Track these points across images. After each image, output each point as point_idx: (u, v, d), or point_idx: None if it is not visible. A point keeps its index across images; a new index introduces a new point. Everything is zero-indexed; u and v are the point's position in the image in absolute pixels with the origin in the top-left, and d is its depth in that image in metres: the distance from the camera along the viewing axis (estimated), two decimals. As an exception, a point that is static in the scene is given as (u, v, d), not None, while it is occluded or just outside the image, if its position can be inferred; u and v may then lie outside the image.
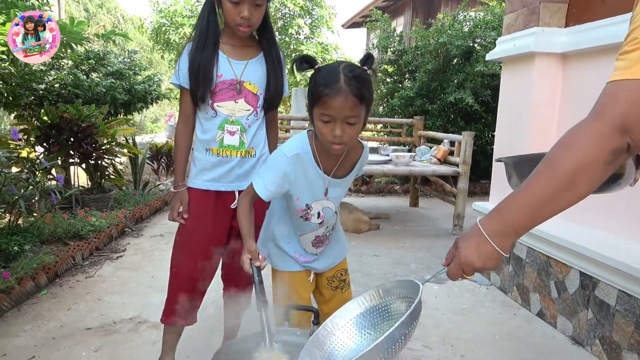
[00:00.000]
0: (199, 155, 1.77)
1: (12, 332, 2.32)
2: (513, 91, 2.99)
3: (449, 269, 0.99)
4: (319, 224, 1.51)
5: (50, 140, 4.08)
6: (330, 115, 1.24)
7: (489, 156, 6.55)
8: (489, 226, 0.92)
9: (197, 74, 1.67)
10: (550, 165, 0.86)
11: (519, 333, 2.44)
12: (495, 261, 0.93)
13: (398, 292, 1.16)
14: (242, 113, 1.73)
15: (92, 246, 3.49)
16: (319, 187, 1.45)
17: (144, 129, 15.03)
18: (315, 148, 1.40)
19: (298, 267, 1.59)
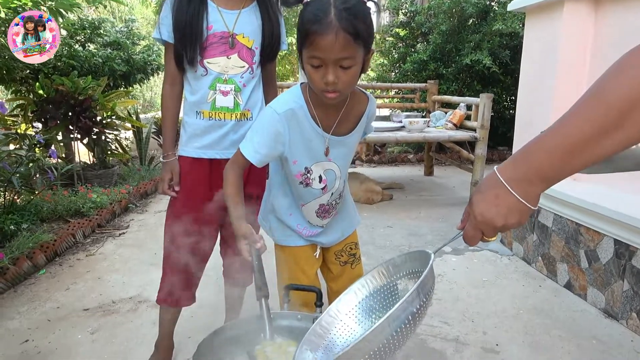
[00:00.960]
0: (189, 119, 1.58)
1: (6, 315, 2.20)
2: (538, 46, 2.72)
3: (466, 231, 0.78)
4: (322, 189, 1.30)
5: (48, 115, 3.92)
6: (320, 58, 1.03)
7: (507, 121, 6.26)
8: (509, 172, 0.71)
9: (183, 28, 1.46)
10: (595, 96, 0.63)
11: (545, 306, 2.25)
12: (519, 215, 0.71)
13: (409, 266, 0.98)
14: (235, 70, 1.53)
15: (93, 223, 3.37)
16: (318, 147, 1.23)
17: (154, 105, 14.88)
18: (311, 102, 1.19)
19: (302, 242, 1.41)
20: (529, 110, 2.82)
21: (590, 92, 0.64)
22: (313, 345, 0.98)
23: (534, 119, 2.75)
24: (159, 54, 5.10)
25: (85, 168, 4.22)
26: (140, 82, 4.96)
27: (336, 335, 1.01)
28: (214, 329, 1.09)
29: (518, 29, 5.26)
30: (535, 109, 2.74)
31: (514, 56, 5.74)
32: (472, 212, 0.75)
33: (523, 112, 2.89)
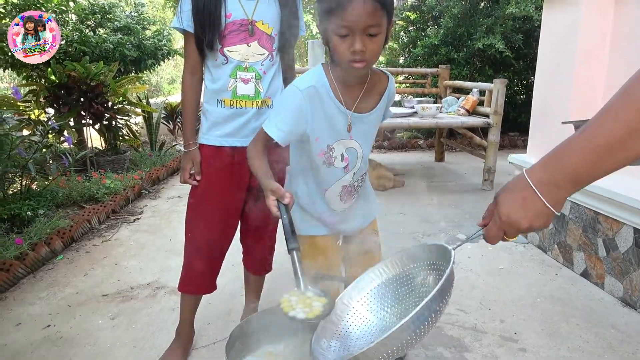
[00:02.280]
0: (210, 107, 1.57)
1: (27, 300, 2.23)
2: (556, 33, 2.68)
3: (488, 230, 0.79)
4: (344, 168, 1.29)
5: (60, 101, 3.92)
6: (348, 27, 1.03)
7: (519, 106, 6.21)
8: (538, 176, 0.71)
9: (202, 15, 1.46)
10: (625, 97, 0.62)
11: (562, 295, 2.25)
12: (544, 220, 0.72)
13: (425, 257, 0.98)
14: (256, 58, 1.53)
15: (108, 209, 3.39)
16: (340, 124, 1.23)
17: (161, 90, 14.85)
18: (333, 79, 1.19)
19: (325, 231, 1.40)
20: (546, 97, 2.79)
21: (620, 93, 0.64)
22: (328, 333, 0.98)
23: (551, 106, 2.72)
24: (170, 39, 5.07)
25: (98, 154, 4.23)
26: (151, 68, 4.94)
27: (349, 322, 1.02)
28: (246, 319, 1.10)
29: (532, 12, 5.17)
30: (553, 96, 2.71)
31: (527, 40, 5.66)
32: (497, 212, 0.76)
33: (540, 99, 2.85)
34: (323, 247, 1.40)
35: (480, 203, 3.67)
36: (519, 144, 6.21)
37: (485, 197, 3.86)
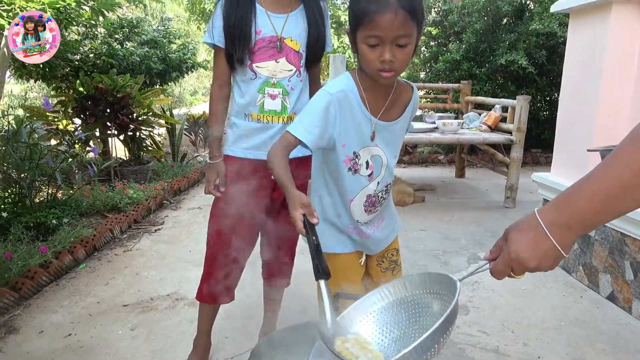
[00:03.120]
0: (238, 121, 1.60)
1: (50, 308, 2.27)
2: (582, 49, 2.64)
3: (495, 265, 0.79)
4: (369, 176, 1.28)
5: (87, 112, 4.02)
6: (378, 37, 1.04)
7: (542, 123, 6.12)
8: (549, 216, 0.72)
9: (232, 32, 1.49)
10: (634, 142, 0.64)
11: (587, 318, 2.19)
12: (552, 261, 0.73)
13: (428, 286, 0.96)
14: (283, 74, 1.56)
15: (130, 219, 3.44)
16: (365, 131, 1.22)
17: (183, 101, 15.10)
18: (360, 86, 1.19)
19: (349, 248, 1.39)
20: (570, 117, 2.75)
21: (629, 138, 0.66)
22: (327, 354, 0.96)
23: (575, 125, 2.68)
24: (194, 53, 5.17)
25: (122, 164, 4.31)
26: (175, 80, 5.03)
27: None
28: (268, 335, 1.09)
29: (556, 29, 5.12)
30: (578, 115, 2.66)
31: (551, 56, 5.60)
32: (507, 249, 0.76)
33: (564, 118, 2.81)
34: (346, 266, 1.38)
35: (502, 221, 3.62)
36: (541, 161, 6.12)
37: (507, 215, 3.80)
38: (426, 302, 0.96)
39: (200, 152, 6.37)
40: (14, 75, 4.31)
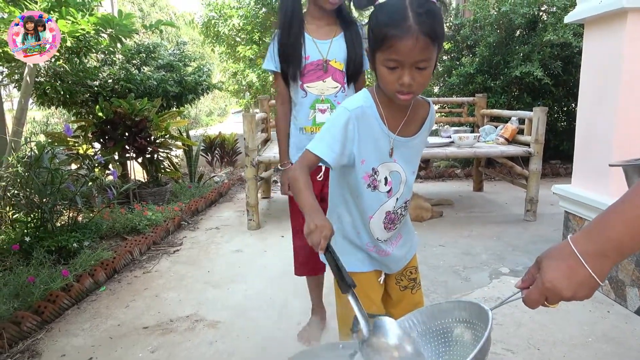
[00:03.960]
0: (296, 133, 1.93)
1: (71, 331, 2.29)
2: (599, 58, 2.61)
3: (528, 294, 0.78)
4: (387, 192, 1.28)
5: (106, 136, 4.10)
6: (398, 61, 1.04)
7: (560, 134, 6.04)
8: (584, 245, 0.71)
9: (286, 57, 1.82)
10: None
11: (616, 334, 2.12)
12: (588, 290, 0.72)
13: (457, 315, 0.94)
14: (330, 91, 1.85)
15: (149, 241, 3.47)
16: (384, 147, 1.23)
17: (199, 122, 15.33)
18: (379, 103, 1.21)
19: (368, 267, 1.37)
20: (589, 129, 2.70)
21: None
22: None
23: (595, 134, 2.63)
24: (209, 75, 5.25)
25: (140, 186, 4.37)
26: (192, 102, 5.12)
27: None
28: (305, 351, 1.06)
29: (571, 39, 5.08)
30: (596, 127, 2.62)
31: (566, 67, 5.55)
32: (541, 278, 0.75)
33: (583, 130, 2.77)
34: (365, 285, 1.36)
35: (523, 234, 3.55)
36: (561, 173, 6.02)
37: (528, 228, 3.73)
38: (456, 331, 0.94)
39: (217, 172, 6.43)
40: (36, 103, 4.43)
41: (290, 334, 2.18)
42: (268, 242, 3.56)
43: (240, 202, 4.95)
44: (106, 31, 3.35)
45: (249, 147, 3.73)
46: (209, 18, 11.19)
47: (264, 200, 4.98)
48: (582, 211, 2.70)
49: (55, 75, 4.12)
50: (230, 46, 11.48)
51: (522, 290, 0.81)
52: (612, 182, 2.48)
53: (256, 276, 2.91)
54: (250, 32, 10.93)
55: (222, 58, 12.59)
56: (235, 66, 11.60)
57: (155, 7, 21.24)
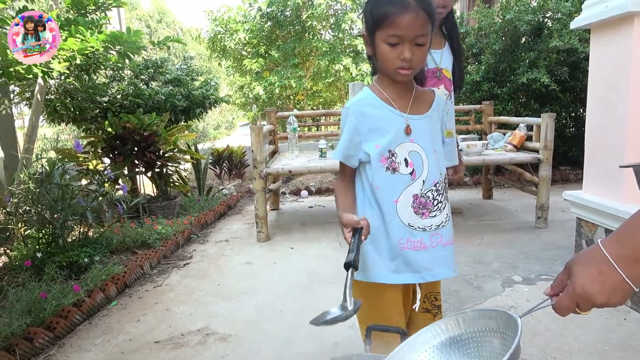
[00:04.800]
0: None
1: (83, 347, 2.29)
2: (606, 63, 2.60)
3: (559, 301, 0.76)
4: (410, 174, 1.24)
5: (115, 151, 4.14)
6: (399, 36, 1.13)
7: (568, 140, 6.00)
8: (615, 249, 0.69)
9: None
10: None
11: (633, 342, 2.08)
12: (622, 295, 0.70)
13: (483, 323, 0.91)
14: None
15: (159, 254, 3.48)
16: (398, 128, 1.25)
17: (207, 135, 15.43)
18: (381, 91, 1.27)
19: (396, 279, 1.29)
20: (598, 134, 2.68)
21: None
22: None
23: (605, 139, 2.61)
24: (216, 89, 5.30)
25: (150, 200, 4.40)
26: (199, 116, 5.16)
27: None
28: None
29: (576, 44, 5.07)
30: (606, 132, 2.60)
31: (573, 72, 5.53)
32: (572, 284, 0.73)
33: (592, 135, 2.75)
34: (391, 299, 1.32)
35: (535, 242, 3.52)
36: (571, 179, 5.97)
37: (540, 235, 3.69)
38: (483, 340, 0.92)
39: (225, 184, 6.45)
40: (47, 120, 4.49)
41: (302, 347, 2.17)
42: (277, 253, 3.55)
43: (249, 214, 4.95)
44: (115, 48, 3.39)
45: (257, 159, 3.75)
46: (215, 33, 11.35)
47: (272, 212, 4.99)
48: (594, 217, 2.67)
49: (65, 93, 4.18)
50: (236, 60, 11.60)
51: (552, 298, 0.79)
52: (624, 186, 2.45)
53: (266, 288, 2.91)
54: (256, 45, 11.05)
55: (229, 72, 12.73)
56: (241, 79, 11.72)
57: (162, 23, 21.55)
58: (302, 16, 10.29)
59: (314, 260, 3.28)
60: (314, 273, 3.06)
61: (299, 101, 11.92)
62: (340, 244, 3.55)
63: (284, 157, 4.61)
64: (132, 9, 19.66)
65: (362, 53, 10.45)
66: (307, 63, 10.92)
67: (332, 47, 10.55)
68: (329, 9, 10.65)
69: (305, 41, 10.50)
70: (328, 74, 10.48)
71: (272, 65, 11.01)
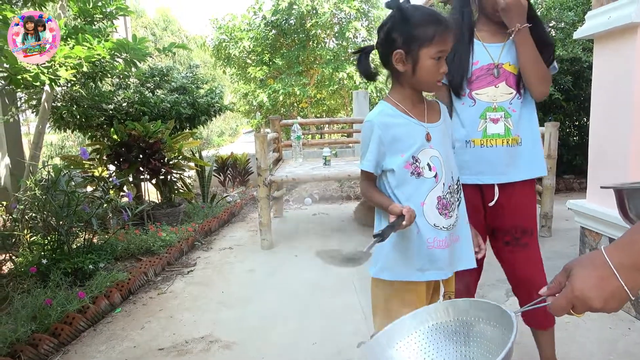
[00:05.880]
0: (459, 149, 1.66)
1: (88, 354, 2.30)
2: (609, 73, 2.61)
3: (556, 301, 0.76)
4: (434, 177, 1.34)
5: (121, 158, 4.17)
6: (444, 51, 1.26)
7: (572, 149, 6.00)
8: (617, 256, 0.71)
9: (451, 68, 1.61)
10: None
11: (637, 351, 2.08)
12: (618, 303, 0.71)
13: (474, 314, 0.92)
14: (504, 97, 1.63)
15: (163, 261, 3.49)
16: (419, 136, 1.34)
17: (210, 142, 15.50)
18: (398, 104, 1.35)
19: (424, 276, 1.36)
20: (603, 140, 2.69)
21: None
22: None
23: (609, 149, 2.62)
24: (221, 96, 5.34)
25: (154, 207, 4.42)
26: (204, 124, 5.19)
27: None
28: None
29: (580, 54, 5.10)
30: (610, 138, 2.61)
31: (576, 81, 5.55)
32: (570, 285, 0.74)
33: (597, 142, 2.75)
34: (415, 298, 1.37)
35: (538, 251, 3.50)
36: (575, 187, 5.96)
37: (544, 244, 3.67)
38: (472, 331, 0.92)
39: (229, 191, 6.47)
40: (53, 127, 4.53)
41: (306, 354, 2.17)
42: (281, 261, 3.56)
43: (252, 221, 4.97)
44: (121, 56, 3.43)
45: (261, 166, 3.77)
46: (220, 41, 11.44)
47: (276, 219, 5.00)
48: (598, 226, 2.67)
49: (72, 100, 4.22)
50: (240, 67, 11.68)
51: (548, 297, 0.79)
52: (628, 196, 2.45)
53: (270, 296, 2.91)
54: (261, 53, 11.13)
55: (233, 79, 12.81)
56: (246, 87, 11.80)
57: (167, 30, 21.72)
58: (306, 24, 10.36)
59: (318, 267, 3.28)
60: (317, 280, 3.06)
61: (302, 109, 11.97)
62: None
63: (288, 165, 4.63)
64: (137, 17, 19.85)
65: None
66: (311, 71, 10.98)
67: (336, 55, 10.62)
68: (333, 17, 10.72)
69: (309, 49, 10.57)
70: (332, 81, 10.54)
71: (276, 73, 11.07)
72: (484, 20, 1.68)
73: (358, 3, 10.45)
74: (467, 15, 1.67)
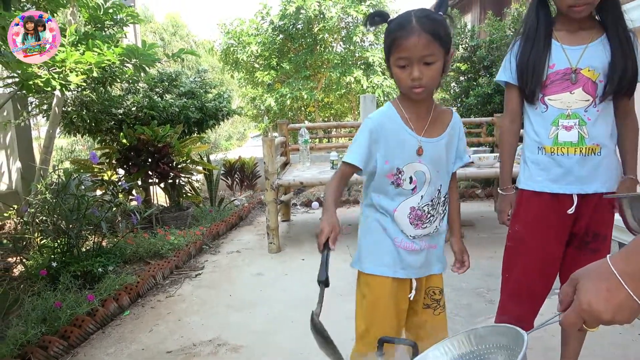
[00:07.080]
0: (530, 155, 1.61)
1: (96, 356, 2.31)
2: None
3: (566, 317, 0.74)
4: (412, 190, 1.36)
5: (130, 162, 4.21)
6: (406, 58, 1.23)
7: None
8: (623, 266, 0.68)
9: (524, 68, 1.57)
10: None
11: (649, 358, 2.06)
12: (629, 313, 0.68)
13: (495, 340, 0.92)
14: (579, 104, 1.53)
15: (172, 265, 3.51)
16: (411, 149, 1.35)
17: (218, 146, 15.56)
18: (402, 110, 1.36)
19: (398, 274, 1.41)
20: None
21: None
22: None
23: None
24: (229, 101, 5.37)
25: (163, 211, 4.45)
26: (212, 128, 5.23)
27: None
28: None
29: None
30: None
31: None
32: (578, 299, 0.72)
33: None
34: (392, 294, 1.41)
35: (547, 255, 3.48)
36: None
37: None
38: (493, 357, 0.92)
39: (237, 195, 6.50)
40: (63, 131, 4.58)
41: (313, 358, 2.17)
42: (289, 265, 3.57)
43: (260, 225, 4.98)
44: (131, 61, 3.47)
45: (268, 170, 3.78)
46: (228, 45, 11.50)
47: (283, 223, 5.01)
48: (608, 231, 2.65)
49: (82, 105, 4.27)
50: (248, 72, 11.73)
51: (560, 313, 0.78)
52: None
53: (278, 299, 2.91)
54: (268, 58, 11.17)
55: (241, 84, 12.86)
56: (253, 91, 11.85)
57: (176, 36, 21.91)
58: (313, 29, 10.39)
59: (325, 271, 3.28)
60: (325, 285, 3.06)
61: (310, 113, 12.00)
62: (351, 255, 3.55)
63: (296, 169, 4.64)
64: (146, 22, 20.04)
65: (373, 65, 10.50)
66: (318, 75, 11.00)
67: (344, 59, 10.63)
68: (341, 21, 10.74)
69: (316, 53, 10.59)
70: (339, 86, 10.55)
71: (284, 77, 11.11)
72: (562, 19, 1.55)
73: (365, 8, 10.47)
74: (543, 17, 1.56)
